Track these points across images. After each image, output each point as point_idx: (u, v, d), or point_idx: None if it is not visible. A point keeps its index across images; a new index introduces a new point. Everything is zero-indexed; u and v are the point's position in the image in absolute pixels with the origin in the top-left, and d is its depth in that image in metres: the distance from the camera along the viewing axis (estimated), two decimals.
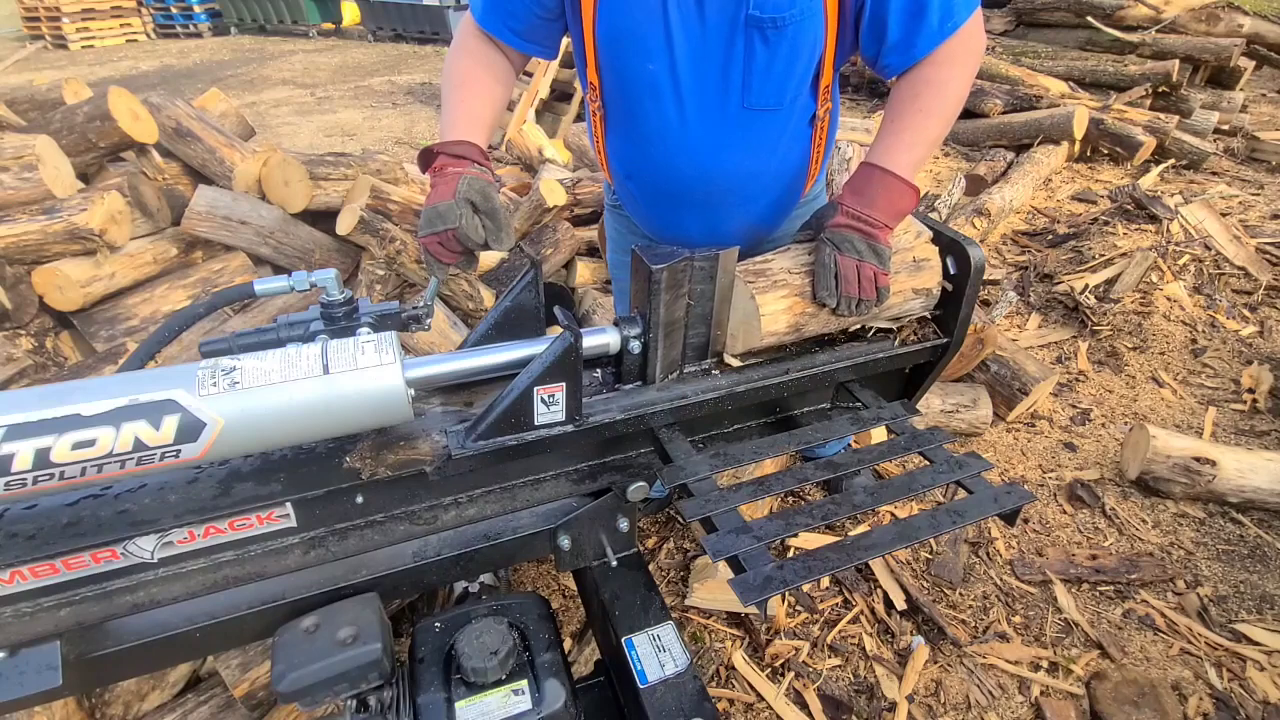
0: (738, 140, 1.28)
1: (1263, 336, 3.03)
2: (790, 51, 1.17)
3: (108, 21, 11.86)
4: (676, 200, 1.41)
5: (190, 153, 2.85)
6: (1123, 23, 5.84)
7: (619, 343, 1.09)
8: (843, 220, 1.14)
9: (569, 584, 2.03)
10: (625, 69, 1.23)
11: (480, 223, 1.12)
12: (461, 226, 1.09)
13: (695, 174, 1.32)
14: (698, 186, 1.34)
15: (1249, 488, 2.20)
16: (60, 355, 2.42)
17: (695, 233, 1.42)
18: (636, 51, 1.19)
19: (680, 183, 1.35)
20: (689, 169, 1.32)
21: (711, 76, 1.21)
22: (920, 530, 1.00)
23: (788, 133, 1.31)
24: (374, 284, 2.66)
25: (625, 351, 1.09)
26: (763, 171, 1.34)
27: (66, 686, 0.87)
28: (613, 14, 1.17)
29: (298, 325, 1.03)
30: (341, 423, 0.85)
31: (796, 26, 1.14)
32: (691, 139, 1.28)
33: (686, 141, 1.28)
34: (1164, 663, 1.83)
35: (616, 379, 1.14)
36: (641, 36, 1.17)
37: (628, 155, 1.41)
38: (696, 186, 1.34)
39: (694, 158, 1.30)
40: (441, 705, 0.94)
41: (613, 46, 1.21)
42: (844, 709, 1.73)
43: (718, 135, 1.27)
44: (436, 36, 10.96)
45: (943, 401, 2.50)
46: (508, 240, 1.12)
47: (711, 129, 1.26)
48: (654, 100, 1.25)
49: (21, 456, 0.70)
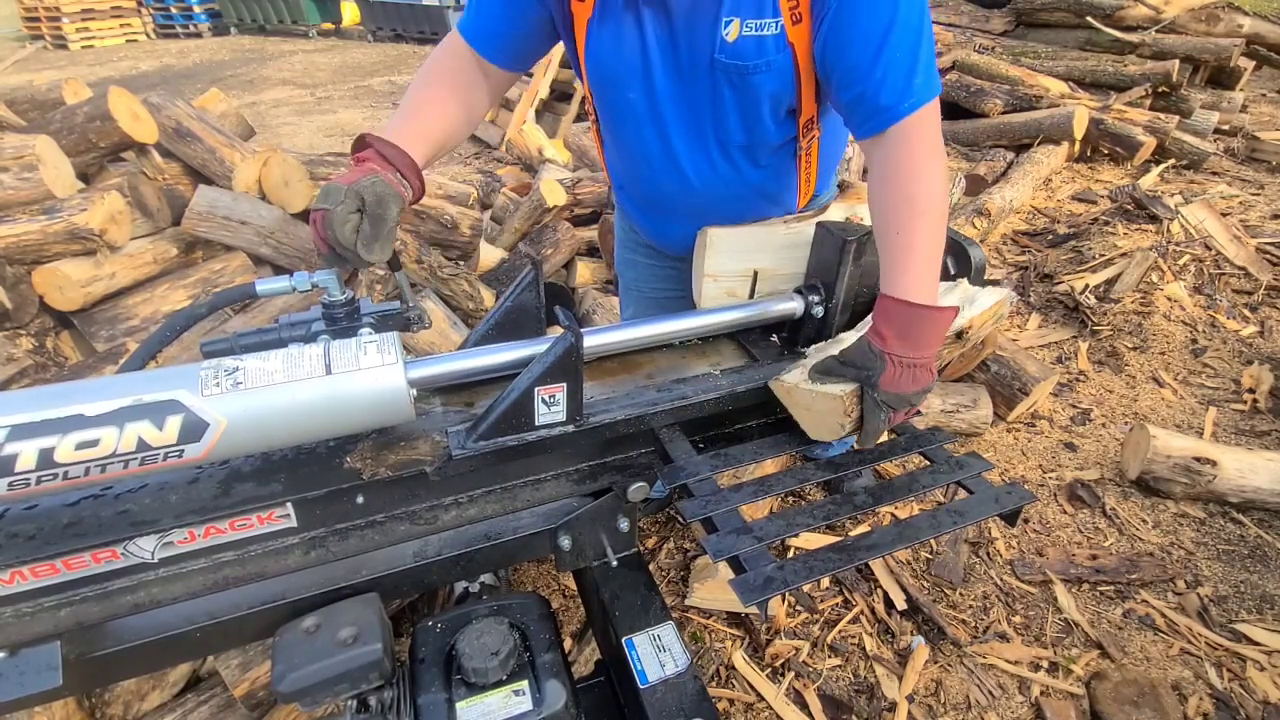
0: (717, 167, 1.31)
1: (1263, 336, 3.03)
2: (757, 97, 1.18)
3: (108, 22, 11.86)
4: (665, 211, 1.45)
5: (190, 153, 2.85)
6: (1123, 23, 5.84)
7: (802, 308, 1.23)
8: (894, 373, 1.03)
9: (569, 584, 2.03)
10: (610, 96, 1.27)
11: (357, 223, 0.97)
12: (334, 212, 0.94)
13: (680, 193, 1.36)
14: (683, 202, 1.38)
15: (1249, 488, 2.21)
16: (60, 355, 2.42)
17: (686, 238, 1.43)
18: (619, 82, 1.23)
19: (667, 199, 1.40)
20: (673, 188, 1.36)
21: (688, 111, 1.24)
22: (921, 530, 1.00)
23: (766, 164, 1.32)
24: (374, 284, 2.66)
25: (808, 316, 1.23)
26: (745, 194, 1.36)
27: (66, 686, 0.87)
28: (599, 45, 1.20)
29: (299, 325, 1.03)
30: (344, 423, 0.85)
31: (763, 75, 1.14)
32: (673, 164, 1.31)
33: (668, 166, 1.32)
34: (1164, 663, 1.83)
35: (793, 343, 1.26)
36: (623, 69, 1.20)
37: (618, 169, 1.48)
38: (682, 202, 1.38)
39: (677, 180, 1.34)
40: (442, 705, 0.94)
41: (598, 74, 1.24)
42: (844, 709, 1.73)
43: (698, 162, 1.30)
44: (436, 36, 10.96)
45: (943, 401, 2.50)
46: (378, 252, 0.98)
47: (692, 156, 1.29)
48: (636, 127, 1.28)
49: (25, 456, 0.70)
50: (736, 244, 1.28)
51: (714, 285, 1.29)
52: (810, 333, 1.24)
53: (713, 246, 1.26)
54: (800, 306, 1.23)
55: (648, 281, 1.71)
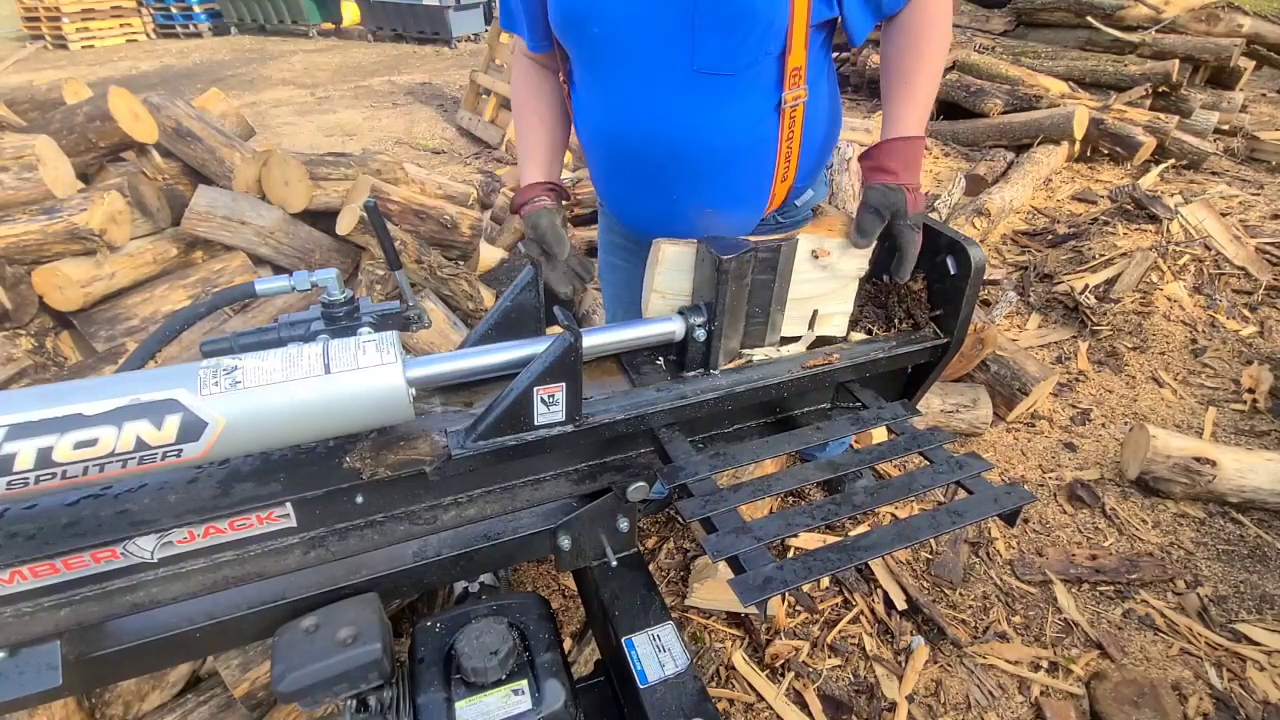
0: (685, 105, 1.22)
1: (1263, 336, 3.03)
2: (744, 8, 1.11)
3: (108, 21, 11.85)
4: (628, 173, 1.36)
5: (190, 153, 2.85)
6: (1123, 23, 5.84)
7: (683, 331, 1.13)
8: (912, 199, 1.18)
9: (569, 584, 2.03)
10: (573, 38, 1.24)
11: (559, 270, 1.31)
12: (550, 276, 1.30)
13: (642, 141, 1.27)
14: (644, 155, 1.29)
15: (1249, 488, 2.20)
16: (60, 355, 2.42)
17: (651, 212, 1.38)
18: (579, 17, 1.19)
19: (629, 151, 1.31)
20: (636, 136, 1.27)
21: (655, 37, 1.16)
22: (920, 530, 1.00)
23: (743, 109, 1.23)
24: (374, 284, 2.66)
25: (690, 339, 1.13)
26: (714, 146, 1.26)
27: (66, 686, 0.87)
28: None
29: (299, 325, 1.03)
30: (343, 422, 0.85)
31: None
32: (636, 104, 1.23)
33: (632, 107, 1.24)
34: (1164, 663, 1.83)
35: (680, 367, 1.18)
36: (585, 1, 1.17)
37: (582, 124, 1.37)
38: (643, 155, 1.29)
39: (639, 123, 1.25)
40: (441, 705, 0.94)
41: (559, 17, 1.22)
42: (844, 709, 1.73)
43: (664, 99, 1.21)
44: (436, 36, 10.96)
45: (943, 401, 2.50)
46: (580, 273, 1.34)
47: (656, 93, 1.21)
48: (602, 64, 1.23)
49: (24, 456, 0.70)
50: (686, 262, 1.17)
51: (661, 301, 1.20)
52: (695, 356, 1.15)
53: (663, 262, 1.16)
54: (681, 328, 1.13)
55: (624, 286, 1.66)
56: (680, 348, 1.16)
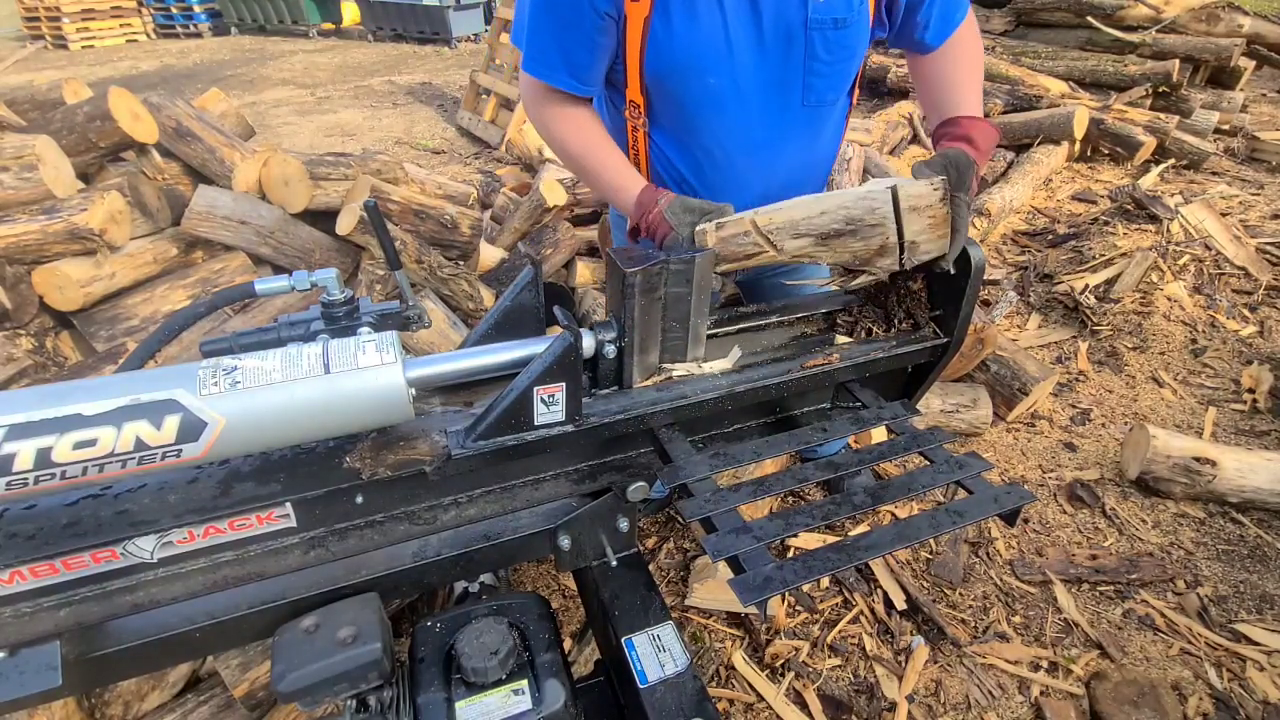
0: (797, 134, 1.39)
1: (1263, 336, 3.03)
2: (847, 49, 1.29)
3: (108, 21, 11.86)
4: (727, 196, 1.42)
5: (190, 153, 2.85)
6: (1123, 23, 5.84)
7: (594, 347, 1.05)
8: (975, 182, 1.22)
9: (569, 584, 2.03)
10: (681, 88, 1.30)
11: None
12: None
13: (758, 171, 1.42)
14: (757, 184, 1.43)
15: (1249, 488, 2.20)
16: (60, 355, 2.42)
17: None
18: (697, 71, 1.27)
19: (740, 183, 1.43)
20: (752, 168, 1.41)
21: (772, 81, 1.30)
22: (920, 530, 1.00)
23: (832, 123, 1.45)
24: (374, 284, 2.66)
25: (600, 356, 1.07)
26: (812, 161, 1.47)
27: (66, 686, 0.87)
28: (668, 38, 1.22)
29: (298, 325, 1.03)
30: (342, 422, 0.85)
31: (854, 25, 1.26)
32: (755, 139, 1.37)
33: (750, 142, 1.38)
34: (1164, 663, 1.83)
35: (593, 384, 1.12)
36: (701, 56, 1.25)
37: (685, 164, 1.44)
38: (756, 184, 1.42)
39: (757, 155, 1.40)
40: (441, 705, 0.94)
41: (668, 67, 1.27)
42: (844, 709, 1.73)
43: (780, 132, 1.38)
44: (436, 36, 10.96)
45: (943, 401, 2.50)
46: None
47: (773, 127, 1.37)
48: (716, 110, 1.32)
49: (23, 456, 0.69)
50: None
51: None
52: (607, 373, 1.10)
53: None
54: (591, 344, 1.06)
55: None
56: (592, 364, 1.09)
